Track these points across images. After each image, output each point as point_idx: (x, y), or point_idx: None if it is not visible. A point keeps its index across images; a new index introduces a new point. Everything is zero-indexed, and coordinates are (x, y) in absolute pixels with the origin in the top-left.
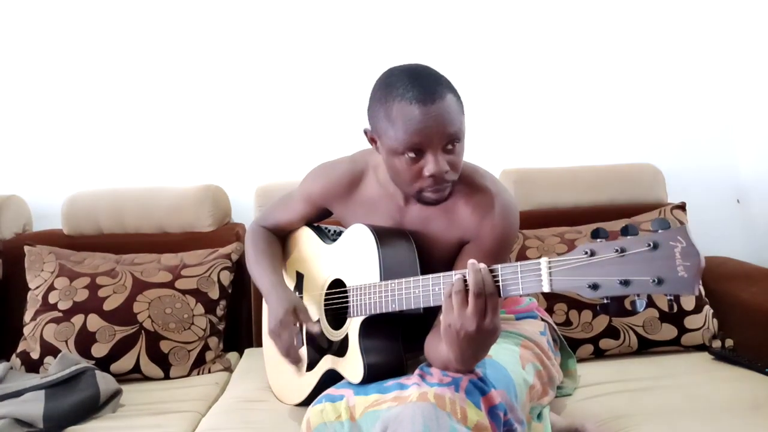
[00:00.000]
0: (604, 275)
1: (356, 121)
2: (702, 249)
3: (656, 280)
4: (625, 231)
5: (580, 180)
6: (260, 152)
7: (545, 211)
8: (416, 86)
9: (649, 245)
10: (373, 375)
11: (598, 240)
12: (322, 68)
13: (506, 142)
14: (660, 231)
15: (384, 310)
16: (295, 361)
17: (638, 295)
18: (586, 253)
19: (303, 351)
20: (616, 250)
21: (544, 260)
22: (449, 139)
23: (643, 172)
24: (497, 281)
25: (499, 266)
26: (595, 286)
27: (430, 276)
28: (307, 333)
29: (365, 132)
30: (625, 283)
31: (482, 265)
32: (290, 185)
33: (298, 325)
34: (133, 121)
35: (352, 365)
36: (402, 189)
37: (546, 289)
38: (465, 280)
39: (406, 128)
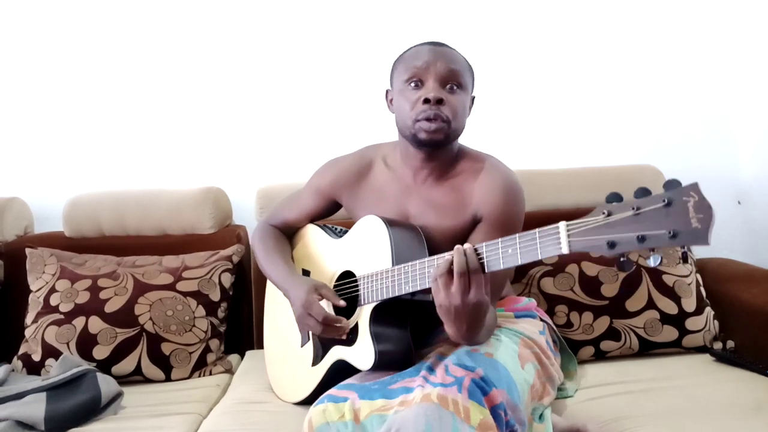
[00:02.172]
0: (622, 233)
1: (357, 122)
2: (708, 262)
3: (671, 232)
4: (638, 193)
5: (581, 181)
6: (261, 154)
7: (546, 212)
8: (433, 41)
9: (664, 201)
10: (383, 361)
11: (613, 203)
12: (323, 70)
13: (507, 143)
14: (673, 189)
15: (396, 293)
16: (337, 331)
17: (653, 251)
18: (604, 213)
19: (308, 346)
20: (633, 209)
21: (562, 224)
22: (450, 75)
23: (644, 173)
24: (481, 259)
25: (483, 245)
26: (612, 244)
27: (444, 254)
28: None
29: (386, 92)
30: (642, 238)
31: (467, 246)
32: (291, 187)
33: (324, 302)
34: (134, 123)
35: (363, 352)
36: (404, 127)
37: (564, 250)
38: (451, 262)
39: (414, 58)
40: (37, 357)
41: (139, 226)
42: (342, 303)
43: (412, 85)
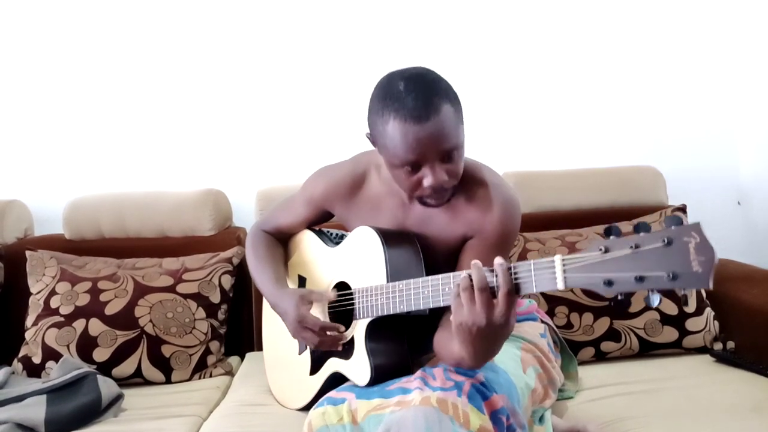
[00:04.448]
0: (619, 271)
1: (357, 124)
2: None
3: (671, 275)
4: (638, 228)
5: (581, 182)
6: (261, 156)
7: (546, 213)
8: (411, 101)
9: (664, 241)
10: (380, 377)
11: (611, 237)
12: (323, 72)
13: (507, 145)
14: (673, 227)
15: (391, 312)
16: (334, 341)
17: (652, 291)
18: (601, 249)
19: (306, 354)
20: (631, 247)
21: (558, 258)
22: (446, 152)
23: (644, 174)
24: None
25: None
26: (609, 283)
27: (440, 276)
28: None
29: (367, 135)
30: (640, 279)
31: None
32: (291, 189)
33: (316, 310)
34: (134, 125)
35: (359, 367)
36: (399, 188)
37: (560, 286)
38: (471, 278)
39: (402, 146)
40: (37, 359)
41: (139, 228)
42: (331, 296)
43: (409, 168)
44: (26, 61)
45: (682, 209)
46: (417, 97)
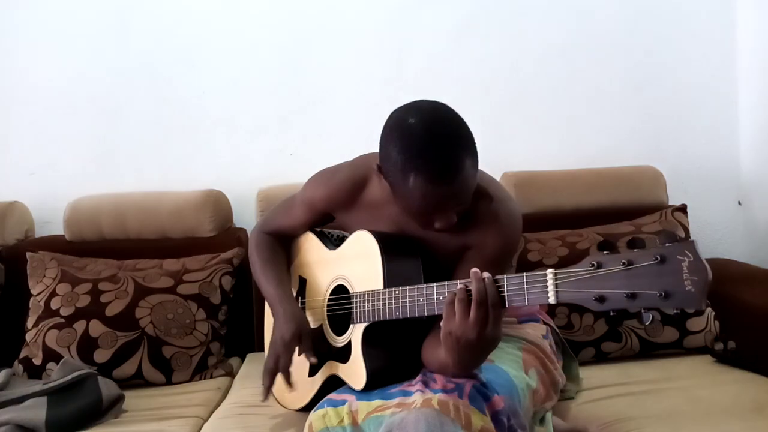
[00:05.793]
0: (611, 288)
1: (357, 125)
2: (709, 262)
3: (663, 294)
4: (632, 244)
5: (581, 183)
6: (261, 156)
7: (546, 214)
8: (435, 160)
9: (657, 259)
10: (375, 381)
11: (605, 252)
12: (324, 73)
13: (507, 145)
14: (667, 244)
15: (387, 317)
16: (286, 376)
17: (644, 308)
18: (593, 265)
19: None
20: (623, 263)
21: (550, 272)
22: (465, 206)
23: (644, 174)
24: (502, 292)
25: (504, 277)
26: (601, 299)
27: (435, 284)
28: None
29: (377, 167)
30: (632, 296)
31: (486, 275)
32: (292, 189)
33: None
34: (134, 126)
35: (355, 372)
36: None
37: (552, 300)
38: (468, 289)
39: (421, 202)
40: (38, 361)
41: (140, 229)
42: (313, 360)
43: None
44: (26, 63)
45: (682, 209)
46: (441, 156)
